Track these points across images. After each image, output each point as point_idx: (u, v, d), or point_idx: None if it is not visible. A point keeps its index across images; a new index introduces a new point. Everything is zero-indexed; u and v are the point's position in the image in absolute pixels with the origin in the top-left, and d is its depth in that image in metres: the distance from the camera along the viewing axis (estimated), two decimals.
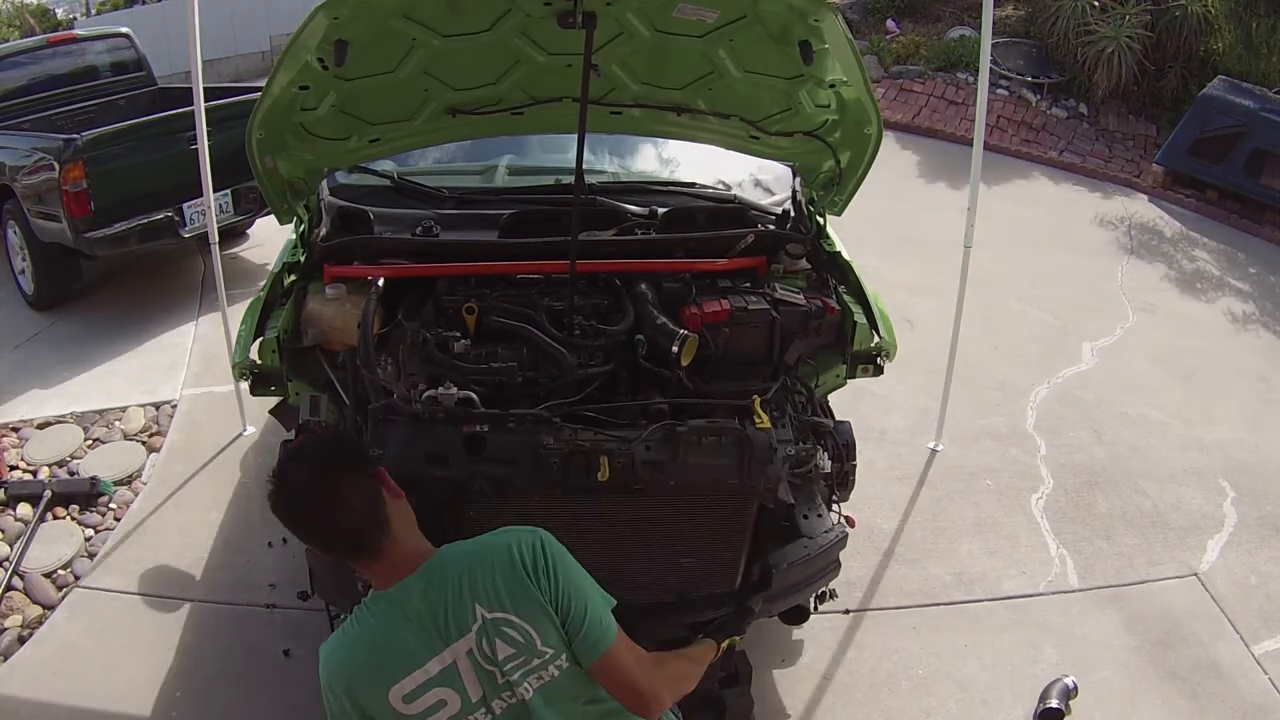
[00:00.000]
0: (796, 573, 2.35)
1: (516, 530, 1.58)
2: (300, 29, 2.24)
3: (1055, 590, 3.34)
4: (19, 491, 3.61)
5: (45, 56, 6.28)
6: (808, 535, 2.39)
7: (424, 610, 1.48)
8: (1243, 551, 3.61)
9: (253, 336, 2.60)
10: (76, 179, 4.75)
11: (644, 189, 3.10)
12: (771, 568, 2.31)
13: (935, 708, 2.82)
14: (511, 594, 1.49)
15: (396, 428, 2.10)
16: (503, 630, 1.48)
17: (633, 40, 2.53)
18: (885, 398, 4.33)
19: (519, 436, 2.09)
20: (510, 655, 1.48)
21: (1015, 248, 6.44)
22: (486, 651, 1.47)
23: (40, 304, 5.44)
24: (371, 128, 2.76)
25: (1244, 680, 2.98)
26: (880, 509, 3.68)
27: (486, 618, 1.47)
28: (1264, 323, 5.83)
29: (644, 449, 2.10)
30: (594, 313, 2.56)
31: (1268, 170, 7.31)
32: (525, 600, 1.49)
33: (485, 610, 1.48)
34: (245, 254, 6.20)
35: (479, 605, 1.48)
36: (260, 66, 13.36)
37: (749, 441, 2.15)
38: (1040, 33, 9.52)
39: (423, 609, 1.48)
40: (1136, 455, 4.20)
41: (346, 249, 2.70)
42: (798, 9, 2.32)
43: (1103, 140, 8.93)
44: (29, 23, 17.36)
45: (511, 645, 1.48)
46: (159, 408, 4.32)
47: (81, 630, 3.03)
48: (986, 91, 3.71)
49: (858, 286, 2.85)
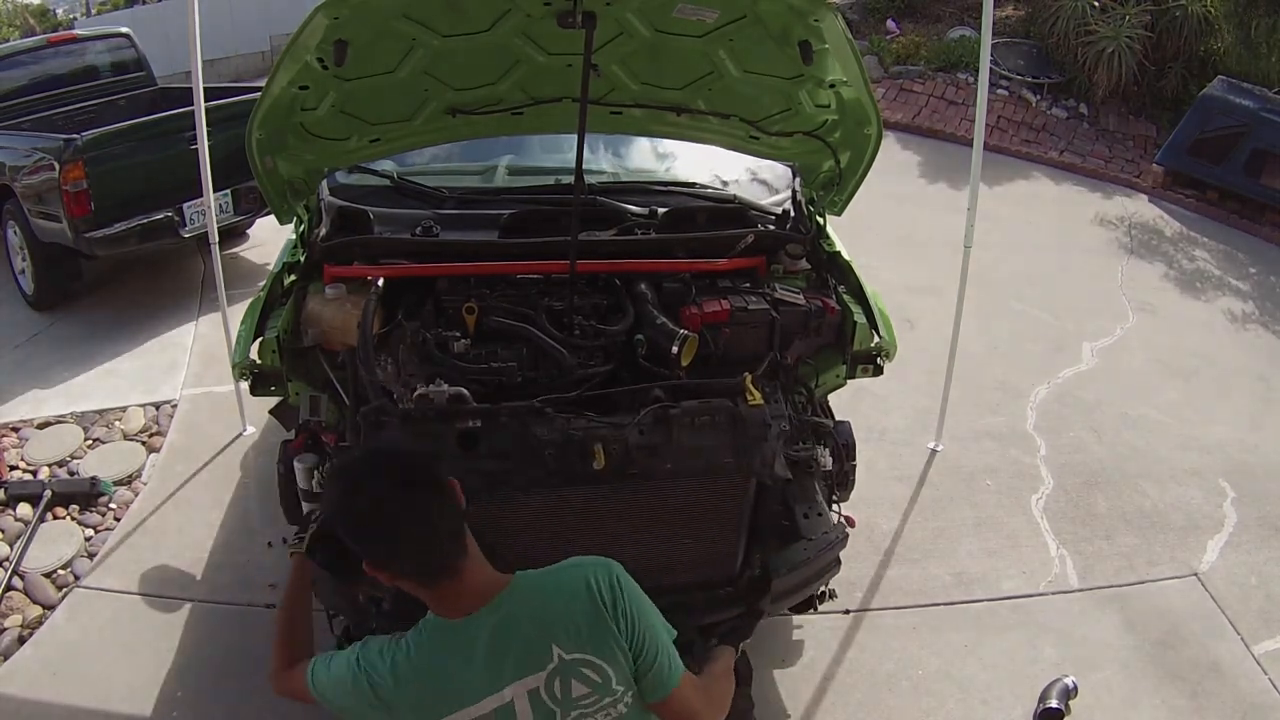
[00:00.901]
0: (797, 576, 2.34)
1: (590, 563, 1.51)
2: (300, 29, 2.24)
3: (1055, 590, 3.34)
4: (19, 491, 3.61)
5: (45, 56, 6.29)
6: (807, 536, 2.37)
7: (494, 646, 1.41)
8: (1243, 551, 3.61)
9: (253, 336, 2.60)
10: (76, 179, 4.75)
11: (644, 189, 3.10)
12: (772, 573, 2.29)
13: (935, 708, 2.82)
14: (593, 634, 1.43)
15: (388, 429, 2.08)
16: (580, 671, 1.42)
17: (633, 40, 2.53)
18: (885, 398, 4.33)
19: (512, 429, 2.08)
20: (584, 695, 1.42)
21: (1015, 248, 6.44)
22: (556, 693, 1.41)
23: (40, 304, 5.44)
24: (371, 128, 2.76)
25: (1244, 680, 2.98)
26: (880, 509, 3.68)
27: (565, 659, 1.41)
28: (1264, 323, 5.83)
29: (637, 433, 2.09)
30: (594, 313, 2.56)
31: (1268, 170, 7.31)
32: (605, 640, 1.43)
33: (564, 651, 1.41)
34: (245, 254, 6.20)
35: (557, 646, 1.41)
36: (260, 66, 13.36)
37: (742, 419, 2.13)
38: (1040, 33, 9.52)
39: (493, 645, 1.41)
40: (1136, 455, 4.20)
41: (346, 249, 2.70)
42: (798, 9, 2.32)
43: (1103, 140, 8.94)
44: (29, 23, 17.37)
45: (587, 685, 1.42)
46: (159, 408, 4.32)
47: (81, 630, 3.02)
48: (986, 91, 3.71)
49: (858, 286, 2.85)
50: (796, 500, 2.44)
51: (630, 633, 1.45)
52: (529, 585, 1.47)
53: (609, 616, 1.44)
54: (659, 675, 1.47)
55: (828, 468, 2.57)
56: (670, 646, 1.52)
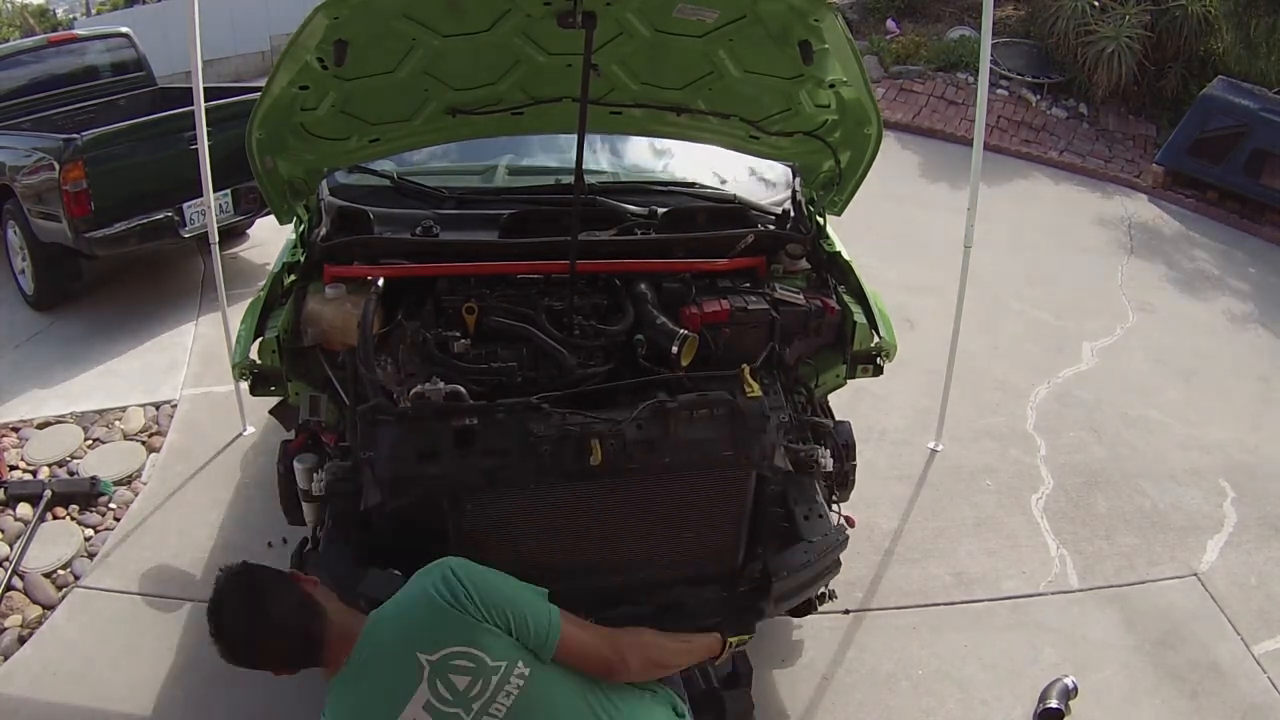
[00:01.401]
0: (797, 579, 2.34)
1: (423, 572, 1.61)
2: (300, 29, 2.24)
3: (1055, 590, 3.34)
4: (19, 491, 3.61)
5: (45, 56, 6.28)
6: (808, 538, 2.37)
7: (374, 680, 1.50)
8: (1243, 551, 3.61)
9: (253, 336, 2.60)
10: (76, 179, 4.75)
11: (644, 189, 3.10)
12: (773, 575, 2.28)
13: (935, 708, 2.82)
14: (445, 630, 1.51)
15: (385, 428, 2.08)
16: (451, 664, 1.48)
17: (633, 40, 2.53)
18: (885, 398, 4.33)
19: (508, 426, 2.08)
20: (468, 684, 1.48)
21: (1015, 248, 6.45)
22: (445, 694, 1.47)
23: (40, 304, 5.44)
24: (371, 128, 2.76)
25: (1244, 680, 2.98)
26: (880, 509, 3.68)
27: (431, 661, 1.48)
28: (1264, 323, 5.83)
29: (635, 428, 2.08)
30: (594, 313, 2.55)
31: (1268, 170, 7.31)
32: (458, 628, 1.51)
33: (428, 655, 1.49)
34: (245, 254, 6.20)
35: (421, 654, 1.49)
36: (260, 66, 13.36)
37: (740, 410, 2.13)
38: (1040, 33, 9.52)
39: (373, 679, 1.50)
40: (1136, 455, 4.20)
41: (346, 249, 2.70)
42: (798, 9, 2.32)
43: (1103, 140, 8.94)
44: (29, 23, 17.37)
45: (465, 674, 1.48)
46: (159, 408, 4.32)
47: (81, 630, 3.02)
48: (986, 91, 3.71)
49: (858, 286, 2.85)
50: (797, 501, 2.44)
51: (483, 612, 1.53)
52: (382, 615, 1.58)
53: (453, 608, 1.52)
54: (539, 633, 1.57)
55: (828, 469, 2.57)
56: (536, 603, 1.62)
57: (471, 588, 1.55)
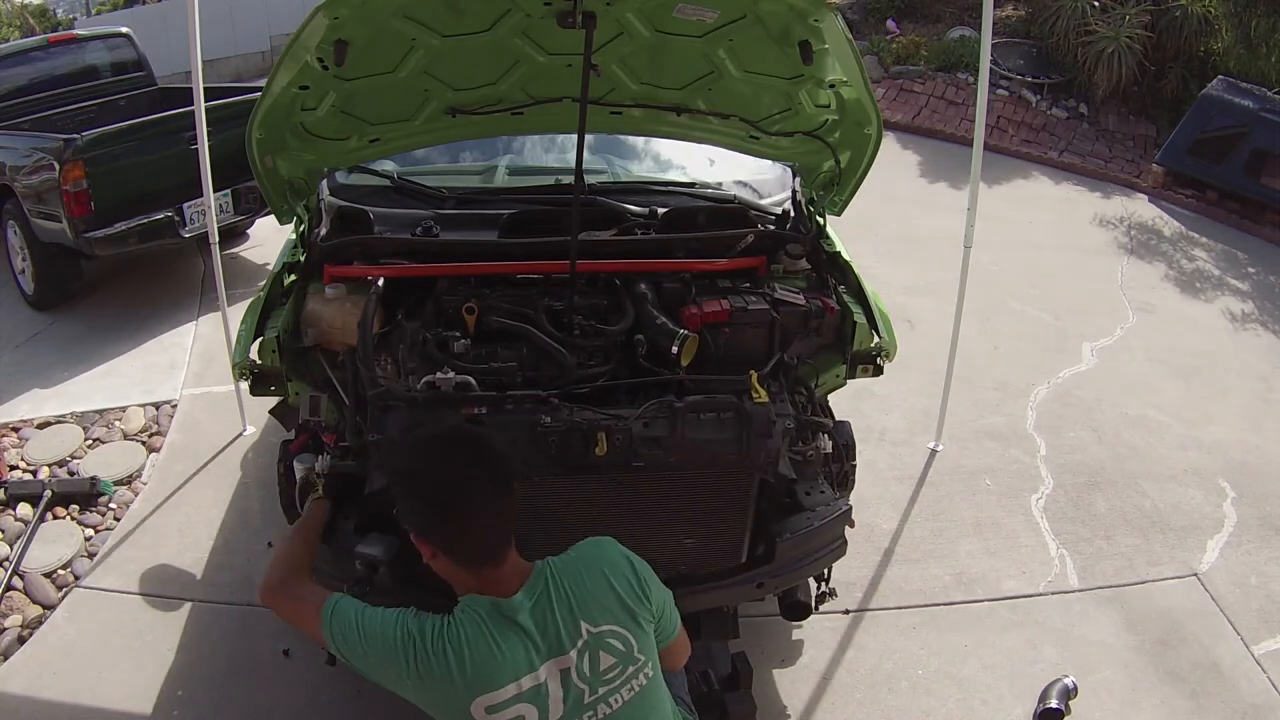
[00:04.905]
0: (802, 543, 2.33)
1: (607, 543, 1.64)
2: (300, 29, 2.24)
3: (1055, 590, 3.34)
4: (19, 491, 3.60)
5: (45, 56, 6.28)
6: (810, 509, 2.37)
7: (531, 626, 1.50)
8: (1243, 551, 3.61)
9: (253, 336, 2.60)
10: (76, 179, 4.75)
11: (644, 189, 3.10)
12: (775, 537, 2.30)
13: (935, 708, 2.82)
14: (623, 607, 1.55)
15: (395, 412, 2.10)
16: (607, 642, 1.51)
17: (633, 40, 2.53)
18: (885, 398, 4.33)
19: (516, 416, 2.10)
20: (610, 666, 1.51)
21: (1015, 248, 6.44)
22: (585, 670, 1.49)
23: (40, 304, 5.44)
24: (371, 128, 2.76)
25: (1244, 680, 2.98)
26: (880, 509, 3.68)
27: (592, 632, 1.50)
28: (1264, 323, 5.83)
29: (641, 425, 2.10)
30: (594, 313, 2.56)
31: (1268, 170, 7.31)
32: (633, 610, 1.55)
33: (591, 626, 1.51)
34: (245, 254, 6.20)
35: (586, 623, 1.51)
36: (260, 66, 13.38)
37: (747, 415, 2.14)
38: (1040, 33, 9.52)
39: (530, 624, 1.49)
40: (1136, 455, 4.20)
41: (346, 249, 2.70)
42: (798, 9, 2.32)
43: (1103, 140, 8.94)
44: (29, 23, 17.38)
45: (614, 655, 1.51)
46: (159, 408, 4.32)
47: (81, 630, 3.02)
48: (986, 91, 3.71)
49: (858, 286, 2.85)
50: (798, 481, 2.43)
51: (649, 600, 1.58)
52: (559, 569, 1.57)
53: (637, 589, 1.56)
54: (670, 625, 1.66)
55: (828, 450, 2.56)
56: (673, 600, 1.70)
57: (642, 569, 1.61)
